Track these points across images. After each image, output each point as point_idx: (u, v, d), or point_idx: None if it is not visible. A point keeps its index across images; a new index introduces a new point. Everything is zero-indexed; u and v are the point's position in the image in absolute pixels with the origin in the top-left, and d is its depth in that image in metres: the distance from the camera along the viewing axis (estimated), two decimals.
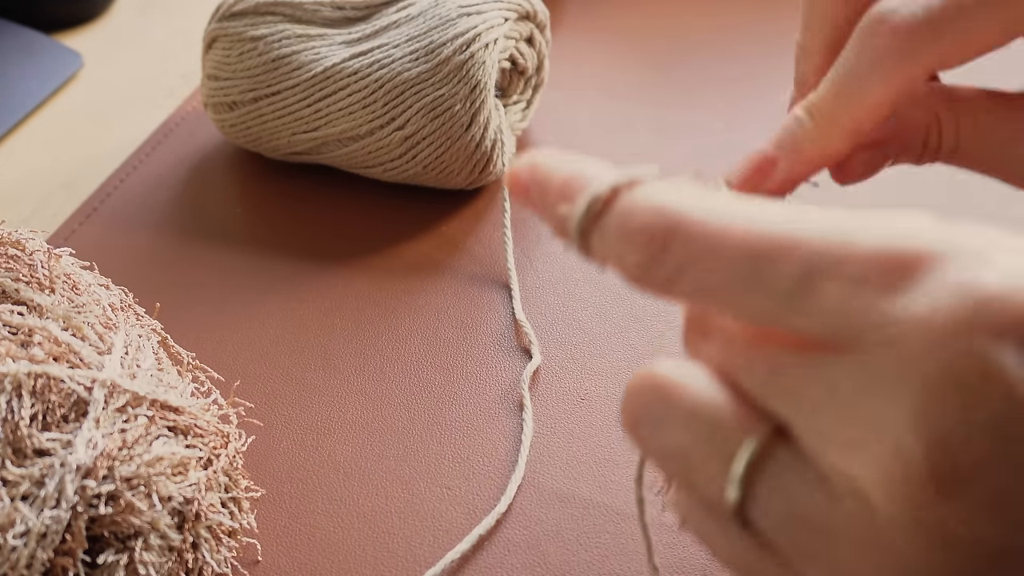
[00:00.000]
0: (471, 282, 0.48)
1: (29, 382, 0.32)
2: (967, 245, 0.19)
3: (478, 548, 0.37)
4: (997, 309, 0.18)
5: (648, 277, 0.22)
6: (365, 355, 0.45)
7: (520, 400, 0.42)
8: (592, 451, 0.40)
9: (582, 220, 0.23)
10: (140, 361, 0.35)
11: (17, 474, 0.30)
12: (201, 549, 0.34)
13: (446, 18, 0.48)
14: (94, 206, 0.53)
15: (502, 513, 0.38)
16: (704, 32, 0.63)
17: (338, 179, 0.53)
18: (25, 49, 0.62)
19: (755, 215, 0.21)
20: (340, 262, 0.49)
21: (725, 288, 0.21)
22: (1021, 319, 0.18)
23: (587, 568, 0.36)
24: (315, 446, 0.41)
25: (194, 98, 0.59)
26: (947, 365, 0.18)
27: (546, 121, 0.56)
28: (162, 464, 0.33)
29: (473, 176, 0.50)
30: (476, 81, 0.47)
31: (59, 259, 0.38)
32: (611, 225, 0.22)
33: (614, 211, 0.22)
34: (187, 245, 0.50)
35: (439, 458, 0.40)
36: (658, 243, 0.21)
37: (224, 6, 0.52)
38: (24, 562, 0.30)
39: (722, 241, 0.21)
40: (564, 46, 0.61)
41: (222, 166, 0.55)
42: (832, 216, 0.20)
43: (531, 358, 0.43)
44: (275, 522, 0.38)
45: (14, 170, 0.56)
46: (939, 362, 0.18)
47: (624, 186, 0.22)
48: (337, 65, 0.48)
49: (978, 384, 0.18)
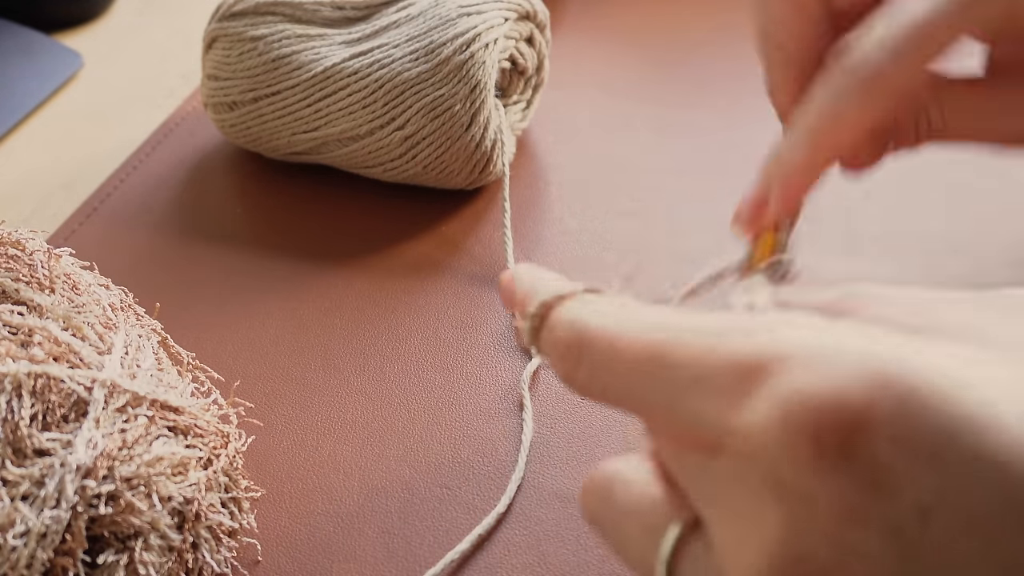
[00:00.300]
0: (471, 282, 0.48)
1: (29, 382, 0.32)
2: (808, 347, 0.20)
3: (478, 548, 0.37)
4: (803, 413, 0.19)
5: (571, 383, 0.24)
6: (365, 355, 0.45)
7: (519, 400, 0.42)
8: (592, 451, 0.40)
9: (528, 335, 0.26)
10: (140, 361, 0.35)
11: (17, 474, 0.30)
12: (201, 549, 0.34)
13: (446, 18, 0.48)
14: (94, 206, 0.53)
15: (502, 513, 0.38)
16: (704, 31, 0.63)
17: (338, 179, 0.53)
18: (25, 49, 0.62)
19: (642, 326, 0.23)
20: (340, 262, 0.49)
21: (625, 395, 0.23)
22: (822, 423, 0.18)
23: (587, 568, 0.36)
24: (315, 446, 0.41)
25: (194, 98, 0.59)
26: (769, 473, 0.19)
27: (546, 121, 0.56)
28: (162, 464, 0.33)
29: (473, 176, 0.50)
30: (476, 81, 0.47)
31: (59, 259, 0.38)
32: (544, 339, 0.25)
33: (545, 327, 0.25)
34: (187, 245, 0.50)
35: (439, 458, 0.40)
36: (573, 355, 0.24)
37: (224, 6, 0.52)
38: (24, 562, 0.30)
39: (616, 353, 0.23)
40: (564, 46, 0.61)
41: (222, 166, 0.55)
42: (704, 324, 0.22)
43: (531, 358, 0.43)
44: (275, 522, 0.38)
45: (14, 170, 0.56)
46: (765, 471, 0.19)
47: (553, 303, 0.26)
48: (337, 65, 0.48)
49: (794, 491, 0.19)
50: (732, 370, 0.20)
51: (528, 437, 0.40)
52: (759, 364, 0.20)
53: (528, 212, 0.51)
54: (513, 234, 0.48)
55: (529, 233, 0.50)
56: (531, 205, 0.51)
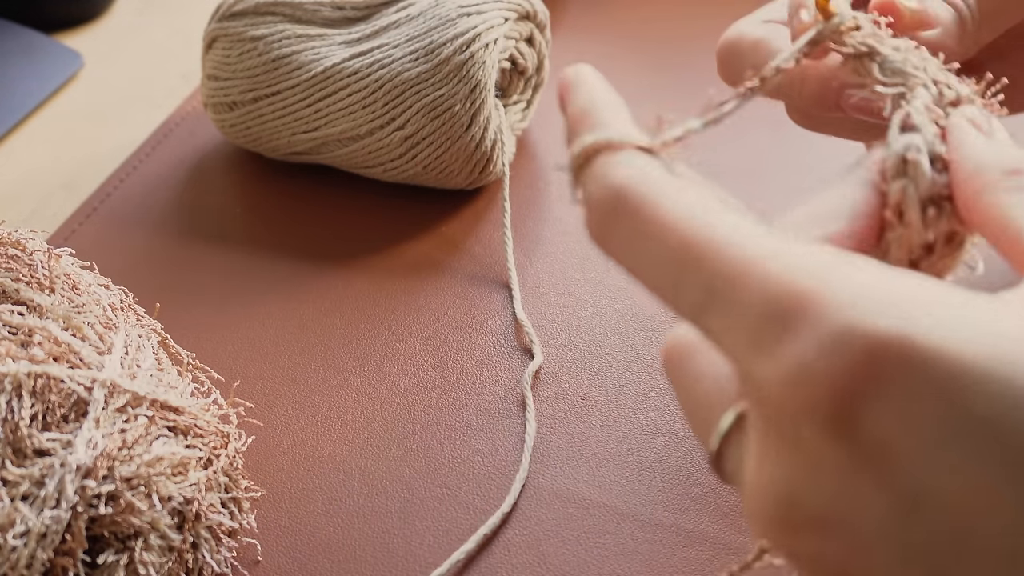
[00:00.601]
0: (471, 282, 0.48)
1: (29, 382, 0.32)
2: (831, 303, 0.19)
3: (481, 548, 0.37)
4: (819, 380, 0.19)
5: (600, 244, 0.23)
6: (365, 355, 0.45)
7: (519, 400, 0.42)
8: (592, 451, 0.40)
9: (572, 168, 0.24)
10: (140, 361, 0.35)
11: (17, 474, 0.30)
12: (201, 549, 0.34)
13: (446, 18, 0.48)
14: (94, 206, 0.53)
15: (506, 513, 0.38)
16: (704, 32, 0.63)
17: (338, 179, 0.53)
18: (25, 49, 0.62)
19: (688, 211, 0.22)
20: (340, 262, 0.49)
21: (652, 279, 0.22)
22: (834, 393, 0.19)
23: (586, 568, 0.36)
24: (315, 446, 0.41)
25: (194, 98, 0.59)
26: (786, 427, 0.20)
27: (546, 121, 0.56)
28: (162, 464, 0.33)
29: (473, 176, 0.50)
30: (476, 81, 0.47)
31: (59, 259, 0.38)
32: (585, 184, 0.24)
33: (588, 171, 0.24)
34: (187, 245, 0.50)
35: (439, 458, 0.40)
36: (609, 218, 0.23)
37: (224, 6, 0.52)
38: (24, 562, 0.30)
39: (653, 233, 0.22)
40: (564, 46, 0.61)
41: (222, 166, 0.55)
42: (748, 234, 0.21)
43: (532, 358, 0.43)
44: (275, 522, 0.38)
45: (14, 170, 0.56)
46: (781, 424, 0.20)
47: (600, 149, 0.24)
48: (337, 65, 0.48)
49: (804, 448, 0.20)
50: (759, 307, 0.20)
51: (531, 437, 0.40)
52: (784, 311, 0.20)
53: (528, 212, 0.51)
54: (513, 234, 0.48)
55: (529, 233, 0.50)
56: (531, 205, 0.51)
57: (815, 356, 0.19)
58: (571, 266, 0.48)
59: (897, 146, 0.25)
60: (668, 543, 0.37)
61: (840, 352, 0.19)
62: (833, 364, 0.19)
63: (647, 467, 0.39)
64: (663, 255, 0.22)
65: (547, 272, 0.48)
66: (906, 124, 0.26)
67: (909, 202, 0.24)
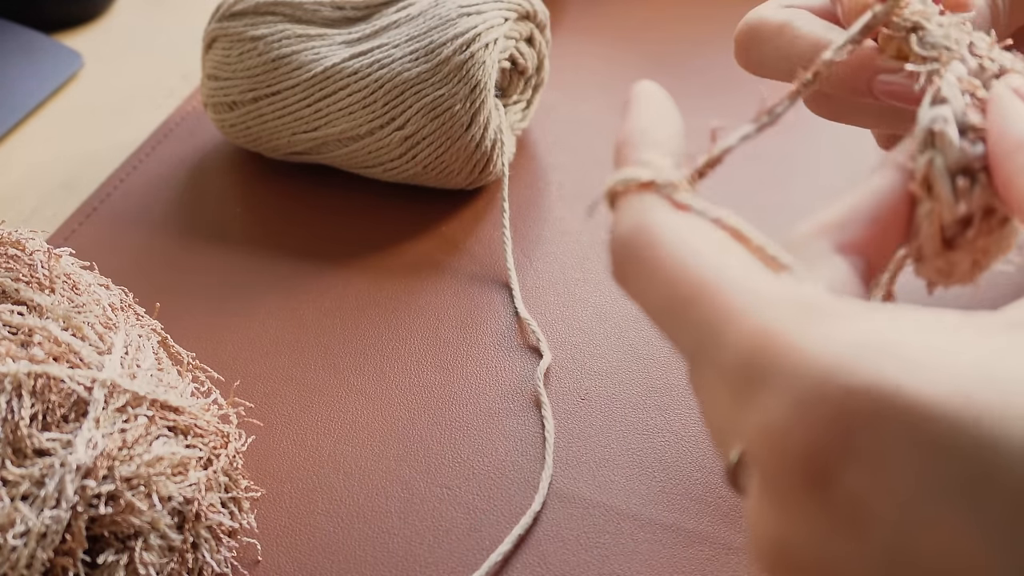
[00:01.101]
0: (471, 282, 0.48)
1: (29, 382, 0.32)
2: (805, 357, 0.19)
3: (482, 548, 0.37)
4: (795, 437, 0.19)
5: (618, 282, 0.24)
6: (365, 355, 0.45)
7: (520, 399, 0.42)
8: (592, 451, 0.40)
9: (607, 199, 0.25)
10: (140, 361, 0.35)
11: (17, 474, 0.30)
12: (201, 549, 0.34)
13: (446, 18, 0.48)
14: (94, 206, 0.53)
15: (537, 512, 0.38)
16: (705, 32, 0.63)
17: (338, 179, 0.53)
18: (25, 49, 0.62)
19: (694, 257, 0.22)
20: (340, 262, 0.49)
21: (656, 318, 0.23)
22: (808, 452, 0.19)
23: (586, 568, 0.36)
24: (315, 446, 0.41)
25: (194, 98, 0.59)
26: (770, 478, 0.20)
27: (546, 121, 0.56)
28: (162, 464, 0.33)
29: (473, 176, 0.50)
30: (476, 81, 0.47)
31: (59, 259, 0.38)
32: (613, 221, 0.24)
33: (616, 209, 0.25)
34: (187, 245, 0.50)
35: (439, 458, 0.40)
36: (623, 253, 0.24)
37: (224, 6, 0.52)
38: (24, 562, 0.30)
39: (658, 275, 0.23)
40: (564, 46, 0.61)
41: (222, 166, 0.55)
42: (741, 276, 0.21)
43: (541, 356, 0.43)
44: (275, 522, 0.38)
45: (14, 170, 0.56)
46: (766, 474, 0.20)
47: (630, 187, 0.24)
48: (337, 65, 0.48)
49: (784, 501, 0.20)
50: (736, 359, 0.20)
51: (552, 435, 0.40)
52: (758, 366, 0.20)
53: (528, 212, 0.51)
54: (513, 234, 0.48)
55: (529, 233, 0.50)
56: (531, 205, 0.51)
57: (787, 416, 0.19)
58: (571, 266, 0.48)
59: (924, 120, 0.24)
60: (668, 543, 0.37)
61: (811, 412, 0.19)
62: (805, 423, 0.19)
63: (647, 467, 0.39)
64: (662, 302, 0.22)
65: (547, 272, 0.48)
66: (936, 98, 0.25)
67: (937, 173, 0.23)
